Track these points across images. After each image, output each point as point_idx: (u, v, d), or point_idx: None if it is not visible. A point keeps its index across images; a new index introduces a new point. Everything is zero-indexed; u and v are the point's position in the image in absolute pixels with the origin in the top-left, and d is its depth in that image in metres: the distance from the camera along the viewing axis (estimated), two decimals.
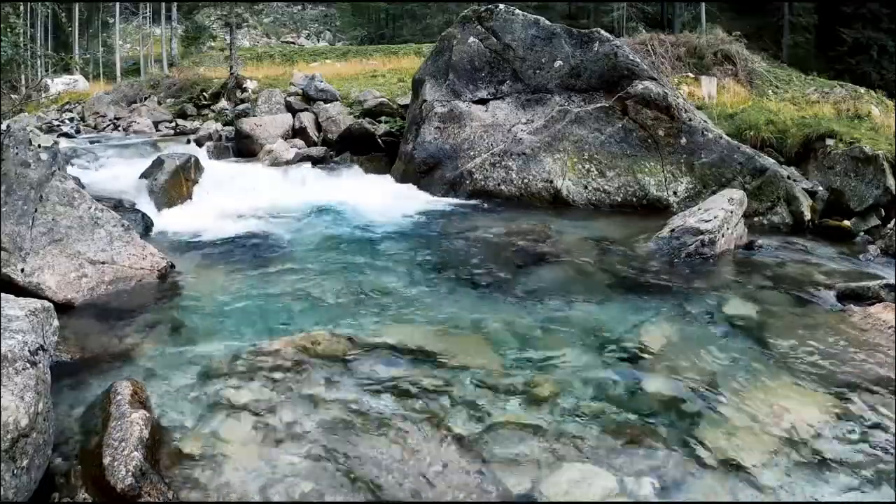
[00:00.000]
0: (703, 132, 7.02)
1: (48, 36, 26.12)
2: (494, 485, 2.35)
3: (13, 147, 4.20)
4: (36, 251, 3.98)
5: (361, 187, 7.96)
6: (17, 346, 2.15)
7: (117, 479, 2.15)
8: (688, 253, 5.05)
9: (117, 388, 2.62)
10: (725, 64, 12.37)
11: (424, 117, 8.02)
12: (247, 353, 3.24)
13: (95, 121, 14.34)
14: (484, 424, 2.70)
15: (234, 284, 4.37)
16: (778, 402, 2.91)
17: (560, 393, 2.94)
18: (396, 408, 2.80)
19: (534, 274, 4.68)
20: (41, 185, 4.22)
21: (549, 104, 7.63)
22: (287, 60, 21.49)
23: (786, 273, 4.85)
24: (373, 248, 5.40)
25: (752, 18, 23.03)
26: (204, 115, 13.95)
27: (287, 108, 10.89)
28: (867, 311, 3.87)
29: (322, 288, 4.30)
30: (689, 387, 3.02)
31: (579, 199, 7.05)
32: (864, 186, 6.78)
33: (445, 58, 8.31)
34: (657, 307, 4.02)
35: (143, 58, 27.87)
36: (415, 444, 2.54)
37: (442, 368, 3.15)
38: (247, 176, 7.90)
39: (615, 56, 7.42)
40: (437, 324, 3.71)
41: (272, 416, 2.71)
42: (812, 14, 24.38)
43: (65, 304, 3.84)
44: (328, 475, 2.38)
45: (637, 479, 2.38)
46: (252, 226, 6.04)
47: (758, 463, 2.49)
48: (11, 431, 1.98)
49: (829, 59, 21.33)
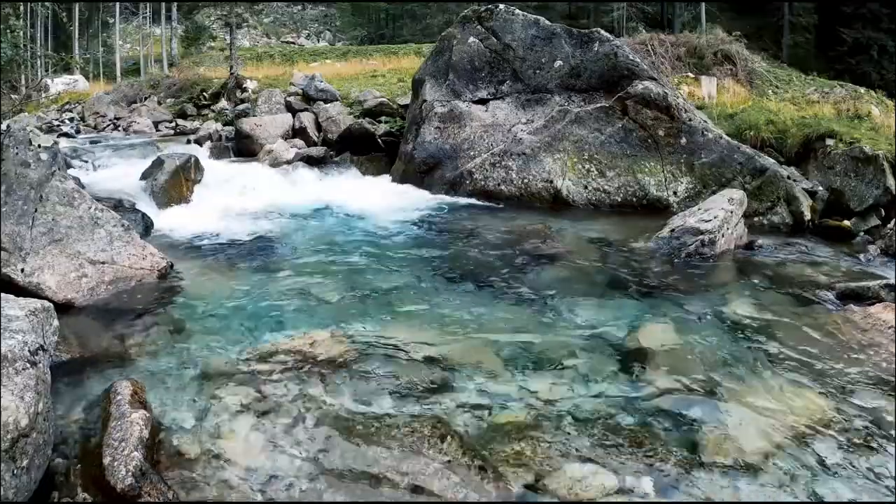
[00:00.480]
0: (703, 132, 7.02)
1: (48, 36, 26.11)
2: (495, 484, 2.35)
3: (13, 147, 4.19)
4: (36, 251, 3.98)
5: (361, 187, 7.96)
6: (17, 346, 2.15)
7: (117, 479, 2.16)
8: (688, 253, 5.06)
9: (117, 388, 2.62)
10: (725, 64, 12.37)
11: (424, 117, 8.02)
12: (247, 353, 3.25)
13: (95, 121, 14.35)
14: (484, 424, 2.70)
15: (233, 284, 4.37)
16: (778, 402, 2.91)
17: (560, 393, 2.94)
18: (396, 407, 2.80)
19: (534, 274, 4.68)
20: (41, 185, 4.22)
21: (549, 104, 7.64)
22: (287, 60, 21.49)
23: (786, 273, 4.85)
24: (372, 248, 5.40)
25: (752, 18, 23.03)
26: (204, 115, 13.96)
27: (287, 108, 10.89)
28: (867, 311, 3.86)
29: (322, 288, 4.30)
30: (689, 386, 3.03)
31: (579, 199, 7.05)
32: (864, 186, 6.78)
33: (445, 58, 8.31)
34: (657, 307, 4.02)
35: (143, 58, 27.88)
36: (415, 444, 2.54)
37: (442, 368, 3.16)
38: (247, 176, 7.90)
39: (615, 56, 7.42)
40: (437, 324, 3.71)
41: (272, 416, 2.71)
42: (812, 14, 24.39)
43: (65, 304, 3.84)
44: (328, 475, 2.38)
45: (637, 478, 2.38)
46: (252, 226, 6.04)
47: (757, 463, 2.49)
48: (11, 431, 1.98)
49: (829, 59, 21.33)
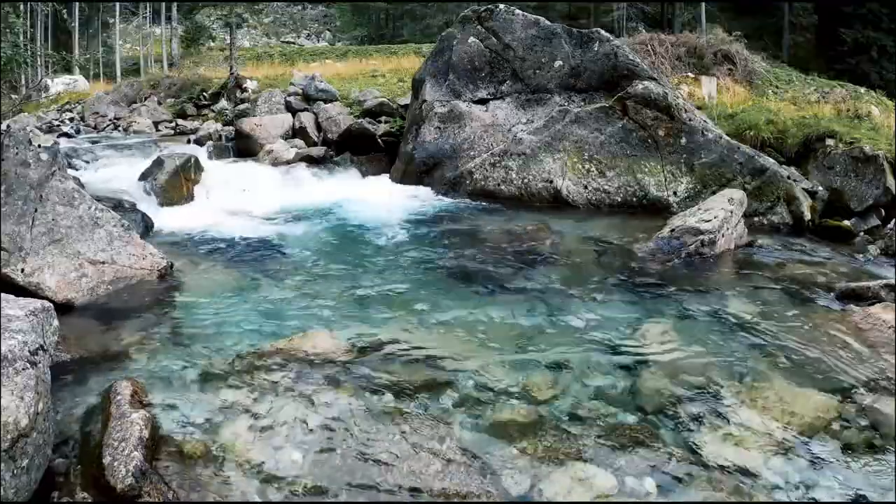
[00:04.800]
0: (703, 132, 7.02)
1: (48, 36, 26.10)
2: (495, 484, 2.35)
3: (13, 147, 4.19)
4: (36, 251, 3.98)
5: (361, 187, 7.96)
6: (17, 346, 2.15)
7: (117, 479, 2.16)
8: (688, 253, 5.06)
9: (117, 388, 2.62)
10: (725, 64, 12.34)
11: (424, 117, 8.01)
12: (247, 353, 3.24)
13: (95, 121, 14.34)
14: (484, 424, 2.70)
15: (233, 284, 4.37)
16: (778, 402, 2.91)
17: (560, 393, 2.95)
18: (396, 408, 2.80)
19: (534, 274, 4.68)
20: (41, 185, 4.22)
21: (549, 104, 7.63)
22: (287, 60, 21.45)
23: (786, 273, 4.85)
24: (372, 248, 5.40)
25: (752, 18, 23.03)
26: (204, 115, 13.94)
27: (287, 108, 10.88)
28: (867, 311, 3.86)
29: (322, 288, 4.30)
30: (689, 387, 3.03)
31: (579, 199, 7.05)
32: (864, 186, 6.78)
33: (445, 58, 8.30)
34: (657, 307, 4.02)
35: (143, 58, 27.85)
36: (415, 444, 2.54)
37: (442, 368, 3.16)
38: (247, 176, 7.89)
39: (615, 56, 7.42)
40: (436, 324, 3.71)
41: (272, 415, 2.71)
42: (812, 14, 24.39)
43: (65, 304, 3.84)
44: (328, 475, 2.38)
45: (637, 478, 2.38)
46: (252, 226, 6.04)
47: (757, 463, 2.49)
48: (11, 431, 1.98)
49: (829, 59, 21.34)
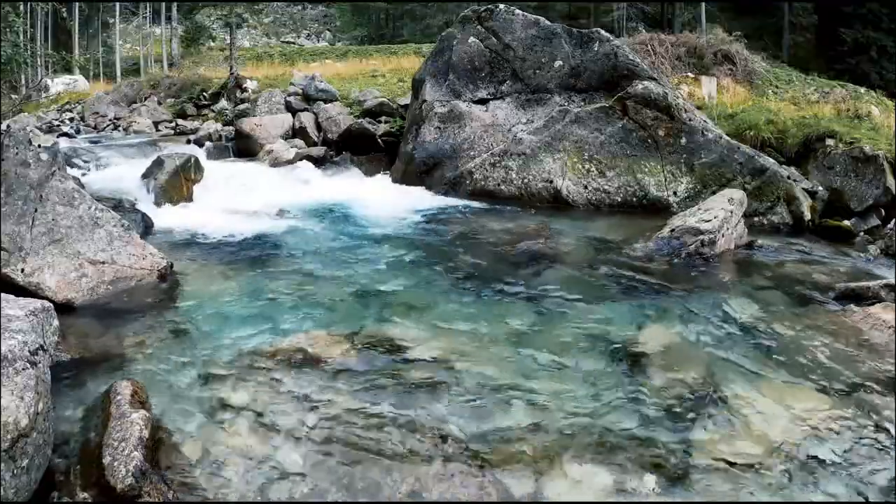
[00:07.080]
0: (703, 132, 7.02)
1: (48, 36, 26.09)
2: (494, 485, 2.35)
3: (13, 147, 4.19)
4: (36, 251, 3.98)
5: (361, 187, 7.96)
6: (17, 346, 2.15)
7: (117, 479, 2.16)
8: (688, 253, 5.06)
9: (117, 388, 2.62)
10: (725, 64, 12.35)
11: (424, 117, 8.01)
12: (247, 353, 3.24)
13: (95, 121, 14.34)
14: (484, 424, 2.70)
15: (233, 284, 4.37)
16: (778, 402, 2.91)
17: (560, 393, 2.94)
18: (396, 407, 2.80)
19: (533, 274, 4.68)
20: (41, 185, 4.22)
21: (549, 104, 7.63)
22: (287, 60, 21.44)
23: (786, 273, 4.85)
24: (372, 248, 5.40)
25: (752, 18, 23.01)
26: (204, 115, 13.94)
27: (287, 108, 10.89)
28: (867, 311, 3.87)
29: (322, 288, 4.30)
30: (689, 387, 3.03)
31: (579, 199, 7.05)
32: (864, 186, 6.79)
33: (445, 58, 8.30)
34: (657, 307, 4.02)
35: (143, 58, 27.84)
36: (415, 444, 2.54)
37: (442, 368, 3.15)
38: (247, 176, 7.90)
39: (615, 56, 7.42)
40: (436, 324, 3.70)
41: (272, 416, 2.71)
42: (812, 14, 24.38)
43: (65, 304, 3.84)
44: (328, 475, 2.38)
45: (637, 478, 2.38)
46: (252, 226, 6.03)
47: (757, 463, 2.49)
48: (11, 431, 1.98)
49: (829, 59, 21.33)
